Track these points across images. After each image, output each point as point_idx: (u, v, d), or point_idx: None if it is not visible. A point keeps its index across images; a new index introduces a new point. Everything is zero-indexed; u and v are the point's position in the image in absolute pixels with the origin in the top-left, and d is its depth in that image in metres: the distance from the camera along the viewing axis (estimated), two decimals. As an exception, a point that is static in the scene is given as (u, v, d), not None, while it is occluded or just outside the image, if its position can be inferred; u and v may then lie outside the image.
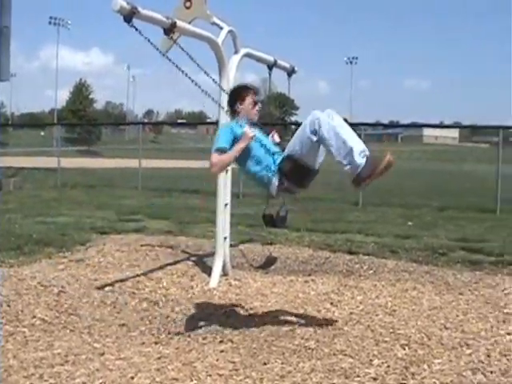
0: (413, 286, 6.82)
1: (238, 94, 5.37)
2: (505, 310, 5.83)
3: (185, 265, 7.74)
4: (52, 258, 8.10)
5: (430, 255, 8.87)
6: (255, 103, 5.33)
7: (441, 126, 75.90)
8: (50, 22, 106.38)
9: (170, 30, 5.82)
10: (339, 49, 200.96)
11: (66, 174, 22.80)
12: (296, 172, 4.99)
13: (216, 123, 7.84)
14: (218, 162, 4.95)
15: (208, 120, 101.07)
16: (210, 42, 6.63)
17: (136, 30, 5.20)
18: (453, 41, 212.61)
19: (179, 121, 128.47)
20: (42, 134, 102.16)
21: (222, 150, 4.93)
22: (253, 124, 5.25)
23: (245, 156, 5.04)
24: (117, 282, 6.76)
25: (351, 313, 5.79)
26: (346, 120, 5.05)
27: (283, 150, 5.08)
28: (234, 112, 5.37)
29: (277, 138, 5.44)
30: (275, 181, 5.07)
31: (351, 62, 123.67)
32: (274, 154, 5.09)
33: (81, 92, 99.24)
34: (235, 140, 4.99)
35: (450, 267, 8.14)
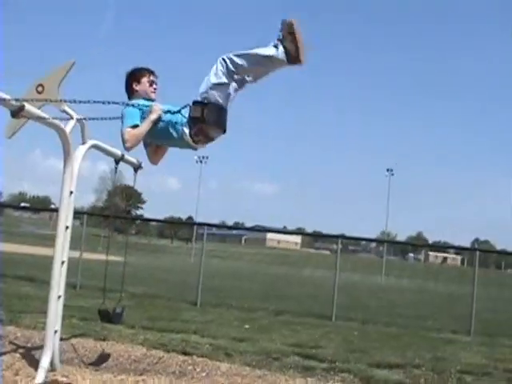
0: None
1: (133, 76, 5.78)
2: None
3: (11, 357, 7.37)
4: None
5: (264, 359, 8.86)
6: (152, 82, 5.75)
7: (284, 231, 78.22)
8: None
9: (17, 112, 5.69)
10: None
11: None
12: (209, 113, 5.27)
13: (56, 210, 7.70)
14: (132, 136, 5.33)
15: (52, 206, 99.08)
16: (57, 129, 6.52)
17: None
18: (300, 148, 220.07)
19: (22, 204, 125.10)
20: None
21: (134, 126, 5.33)
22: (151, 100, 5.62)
23: (155, 125, 5.39)
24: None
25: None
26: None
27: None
28: (131, 93, 5.73)
29: None
30: (187, 130, 5.36)
31: (201, 162, 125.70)
32: (179, 111, 5.40)
33: None
34: (141, 113, 5.38)
35: (282, 372, 8.12)
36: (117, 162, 7.77)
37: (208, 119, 5.32)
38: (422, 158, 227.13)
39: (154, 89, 5.79)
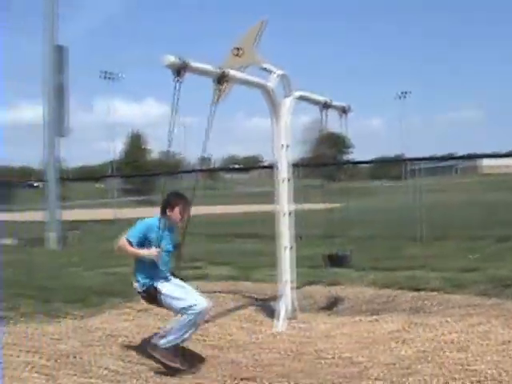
0: (481, 321, 6.69)
1: (169, 202, 6.16)
2: None
3: (250, 310, 7.73)
4: (117, 308, 8.16)
5: (496, 287, 8.68)
6: (183, 214, 6.19)
7: (497, 155, 74.43)
8: (101, 76, 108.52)
9: (221, 79, 5.92)
10: (389, 84, 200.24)
11: (125, 225, 22.97)
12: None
13: (270, 167, 7.93)
14: (122, 248, 5.91)
15: (260, 164, 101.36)
16: (261, 87, 6.69)
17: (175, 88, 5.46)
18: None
19: (232, 166, 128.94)
20: (99, 185, 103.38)
21: (128, 241, 5.87)
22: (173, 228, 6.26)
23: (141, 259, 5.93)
24: (183, 329, 6.75)
25: (421, 350, 5.70)
26: None
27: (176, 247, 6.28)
28: (164, 213, 6.09)
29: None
30: (140, 287, 5.96)
31: (401, 97, 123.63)
32: (159, 274, 5.97)
33: (135, 143, 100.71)
34: (143, 237, 5.91)
35: (516, 299, 7.93)
36: (324, 108, 7.86)
37: None
38: None
39: (182, 219, 6.27)
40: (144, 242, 5.92)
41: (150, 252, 5.82)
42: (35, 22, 27.73)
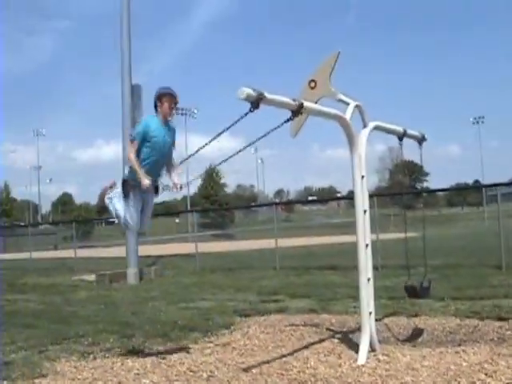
0: None
1: (159, 97, 6.95)
2: None
3: (330, 342, 7.67)
4: (198, 342, 8.21)
5: None
6: (171, 107, 6.98)
7: None
8: (176, 113, 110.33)
9: (297, 111, 5.95)
10: (464, 109, 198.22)
11: (204, 259, 23.25)
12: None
13: (347, 198, 7.93)
14: (132, 160, 6.73)
15: (338, 195, 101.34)
16: (338, 119, 6.70)
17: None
18: None
19: (310, 198, 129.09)
20: (177, 221, 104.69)
21: (132, 139, 6.83)
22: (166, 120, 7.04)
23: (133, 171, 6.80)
24: (264, 364, 6.76)
25: (509, 383, 5.56)
26: None
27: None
28: (156, 108, 6.98)
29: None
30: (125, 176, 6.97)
31: (477, 122, 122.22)
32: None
33: (211, 177, 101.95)
34: (145, 132, 6.77)
35: None
36: (400, 138, 7.90)
37: None
38: None
39: (173, 111, 7.07)
40: (146, 137, 6.79)
41: (144, 179, 6.62)
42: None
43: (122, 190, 6.95)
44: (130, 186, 6.88)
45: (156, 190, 7.17)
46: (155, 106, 7.01)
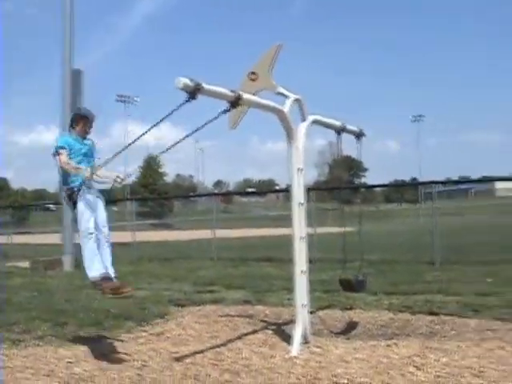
0: (499, 345, 6.65)
1: (74, 119, 7.08)
2: None
3: (264, 334, 7.72)
4: (132, 331, 8.17)
5: (512, 312, 8.62)
6: (86, 129, 7.04)
7: (512, 178, 73.95)
8: (117, 100, 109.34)
9: (235, 102, 5.95)
10: (404, 107, 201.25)
11: (142, 248, 23.11)
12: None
13: (285, 190, 7.97)
14: (68, 163, 6.67)
15: (277, 187, 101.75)
16: (276, 111, 6.72)
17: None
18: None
19: (248, 189, 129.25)
20: (115, 209, 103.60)
21: (58, 150, 6.77)
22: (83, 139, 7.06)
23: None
24: (197, 353, 6.76)
25: (437, 376, 5.67)
26: None
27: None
28: (72, 129, 7.06)
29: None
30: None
31: (417, 120, 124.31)
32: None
33: (150, 166, 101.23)
34: (66, 143, 6.83)
35: (535, 324, 7.86)
36: (339, 132, 7.96)
37: None
38: None
39: (86, 131, 7.08)
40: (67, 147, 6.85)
41: (84, 170, 6.65)
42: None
43: (69, 200, 6.85)
44: (73, 193, 6.79)
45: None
46: (71, 125, 7.13)
